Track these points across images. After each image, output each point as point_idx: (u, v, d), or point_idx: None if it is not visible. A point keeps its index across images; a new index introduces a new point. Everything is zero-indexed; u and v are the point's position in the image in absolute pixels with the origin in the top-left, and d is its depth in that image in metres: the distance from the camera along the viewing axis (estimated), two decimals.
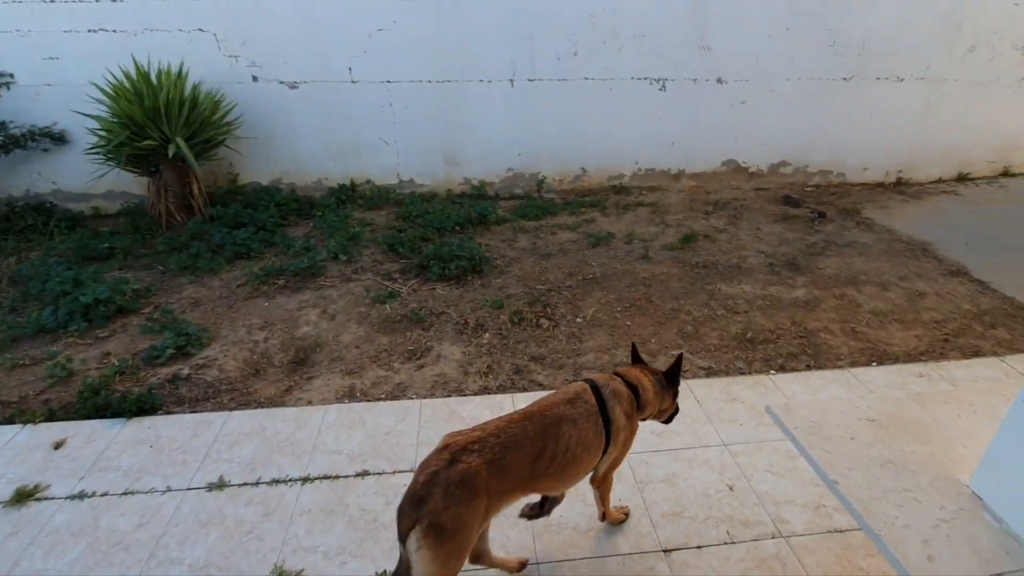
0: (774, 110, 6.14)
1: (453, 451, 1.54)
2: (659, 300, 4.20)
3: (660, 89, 5.97)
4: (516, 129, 6.01)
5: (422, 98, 5.73)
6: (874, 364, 3.46)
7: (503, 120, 5.95)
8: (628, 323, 3.91)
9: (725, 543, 2.26)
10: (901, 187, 6.61)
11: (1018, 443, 1.24)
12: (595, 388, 1.89)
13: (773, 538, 2.28)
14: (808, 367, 3.44)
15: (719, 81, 5.98)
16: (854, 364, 3.46)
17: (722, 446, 2.75)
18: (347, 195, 5.92)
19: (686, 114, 6.11)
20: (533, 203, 6.01)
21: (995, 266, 4.63)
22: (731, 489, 2.51)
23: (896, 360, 3.50)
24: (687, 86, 5.99)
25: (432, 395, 3.17)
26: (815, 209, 5.86)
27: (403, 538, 1.47)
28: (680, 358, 2.12)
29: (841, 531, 2.30)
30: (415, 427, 2.88)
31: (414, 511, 1.45)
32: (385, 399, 3.13)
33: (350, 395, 3.17)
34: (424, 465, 1.55)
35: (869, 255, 4.90)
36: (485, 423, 1.68)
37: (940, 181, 6.75)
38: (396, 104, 5.73)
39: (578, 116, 6.00)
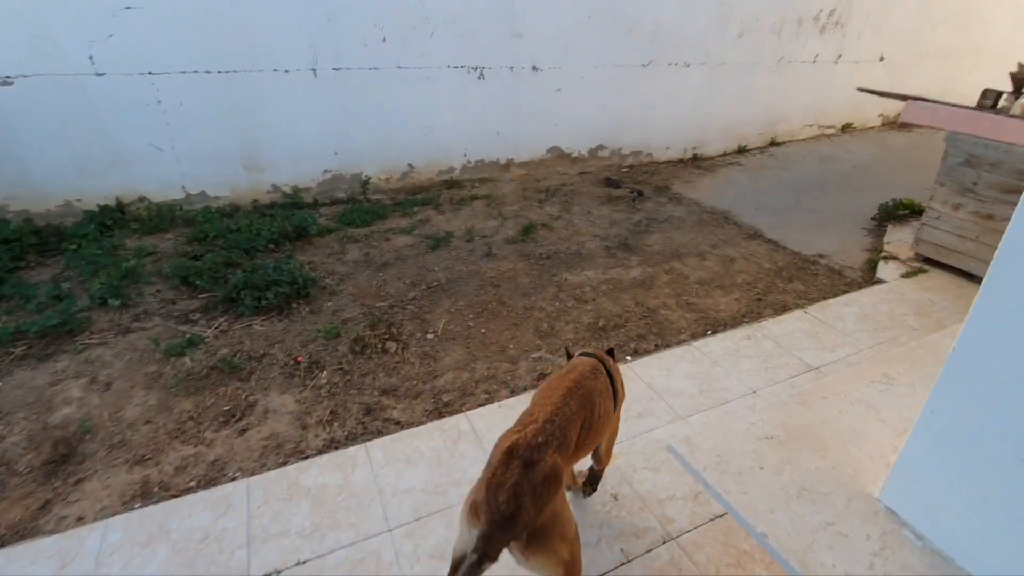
0: (587, 97, 6.34)
1: (523, 455, 1.43)
2: (510, 300, 4.00)
3: (479, 78, 5.75)
4: (328, 125, 5.31)
5: (202, 93, 4.72)
6: (709, 333, 3.68)
7: (311, 116, 5.21)
8: (483, 330, 3.64)
9: (622, 563, 2.12)
10: (697, 162, 7.39)
11: (929, 452, 1.22)
12: (602, 362, 1.94)
13: (664, 543, 2.20)
14: (656, 347, 3.52)
15: (535, 69, 5.96)
16: (694, 336, 3.64)
17: None
18: (113, 219, 4.66)
19: (508, 103, 6.00)
20: (359, 207, 5.41)
21: (778, 225, 5.34)
22: (616, 499, 2.39)
23: (725, 326, 3.76)
24: (505, 74, 5.86)
25: (263, 467, 2.54)
26: (634, 189, 6.22)
27: (495, 556, 1.32)
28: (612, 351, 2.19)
29: (719, 516, 2.31)
30: (244, 519, 2.25)
31: (506, 533, 1.34)
32: (197, 488, 2.42)
33: (143, 494, 2.38)
34: (497, 483, 1.38)
35: (684, 228, 5.30)
36: (532, 411, 1.62)
37: (725, 154, 7.69)
38: (167, 101, 4.63)
39: (398, 108, 5.52)
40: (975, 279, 4.16)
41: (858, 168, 7.18)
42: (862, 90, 5.11)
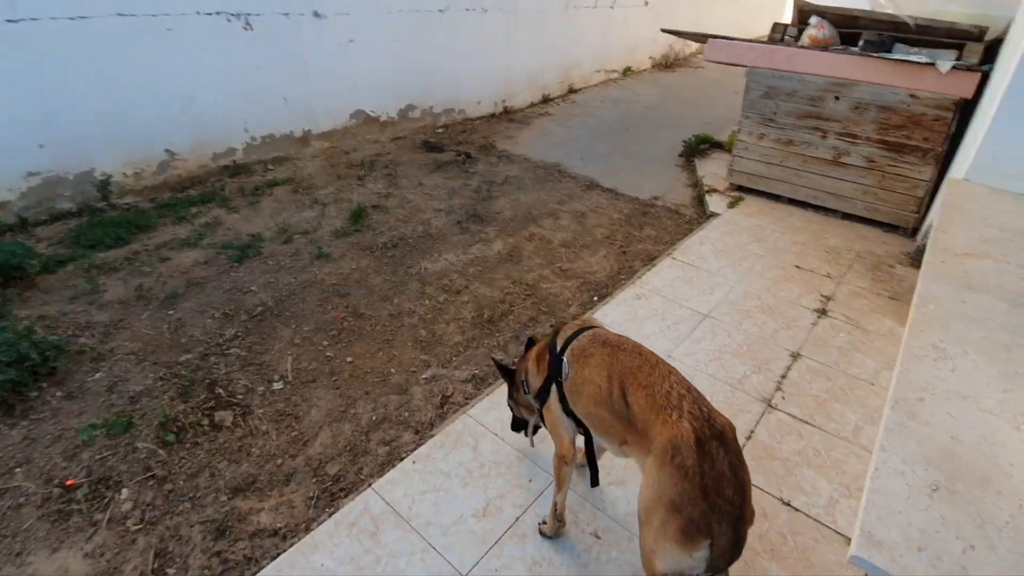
0: (385, 49, 5.45)
1: (710, 432, 1.30)
2: (369, 309, 3.19)
3: (245, 27, 4.43)
4: (18, 106, 3.55)
5: None
6: (596, 300, 3.43)
7: None
8: (348, 358, 2.81)
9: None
10: (510, 116, 7.09)
11: None
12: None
13: None
14: (552, 327, 3.14)
15: (317, 15, 4.83)
16: (584, 306, 3.35)
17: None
18: None
19: (290, 59, 4.80)
20: (103, 219, 3.83)
21: (608, 173, 5.36)
22: (598, 537, 1.96)
23: (606, 287, 3.55)
24: (279, 22, 4.63)
25: None
26: (459, 151, 5.65)
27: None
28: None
29: None
30: None
31: (747, 524, 1.27)
32: None
33: None
34: (715, 479, 1.23)
35: (525, 187, 4.97)
36: (667, 392, 1.40)
37: (533, 105, 7.54)
38: None
39: (133, 73, 3.95)
40: (782, 200, 4.66)
41: (649, 109, 7.68)
42: (665, 31, 5.25)
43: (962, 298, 2.03)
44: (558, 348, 1.75)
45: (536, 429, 2.03)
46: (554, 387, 1.73)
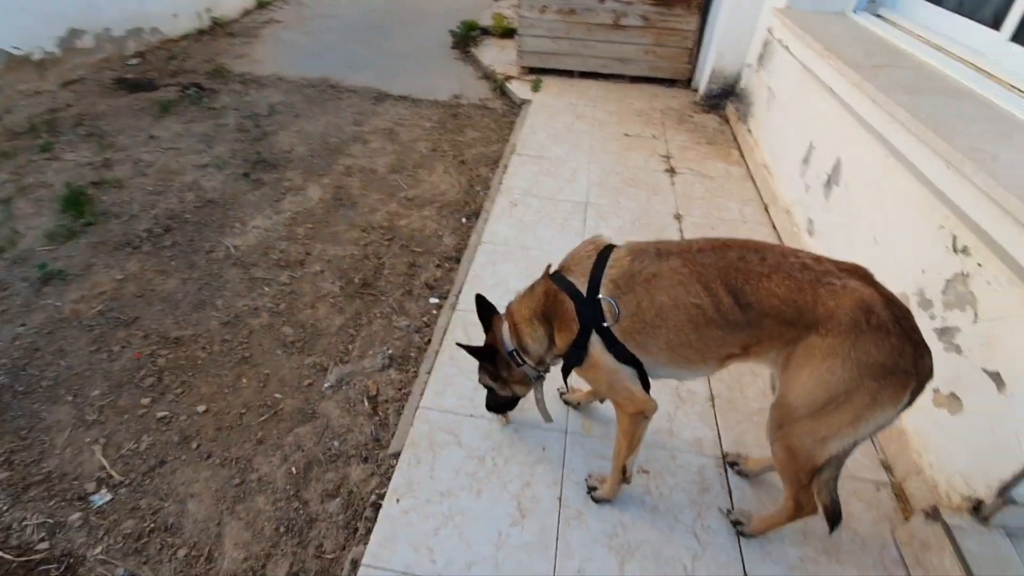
0: None
1: (869, 274, 1.19)
2: (185, 328, 2.17)
3: None
4: None
5: None
6: (466, 220, 2.96)
7: None
8: (199, 407, 1.88)
9: None
10: (226, 29, 5.45)
11: None
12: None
13: None
14: (444, 267, 2.61)
15: None
16: (456, 233, 2.85)
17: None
18: None
19: None
20: None
21: (389, 78, 4.57)
22: (646, 471, 1.72)
23: (465, 203, 3.09)
24: None
25: None
26: (183, 84, 4.15)
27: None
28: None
29: None
30: None
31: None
32: None
33: None
34: (910, 325, 1.13)
35: (303, 114, 3.94)
36: (804, 266, 1.18)
37: (248, 12, 5.95)
38: None
39: None
40: (575, 74, 4.62)
41: (389, 1, 6.75)
42: None
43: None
44: (583, 290, 1.31)
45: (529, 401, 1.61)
46: (596, 338, 1.31)
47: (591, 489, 1.61)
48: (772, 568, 1.49)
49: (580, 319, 1.31)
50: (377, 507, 1.58)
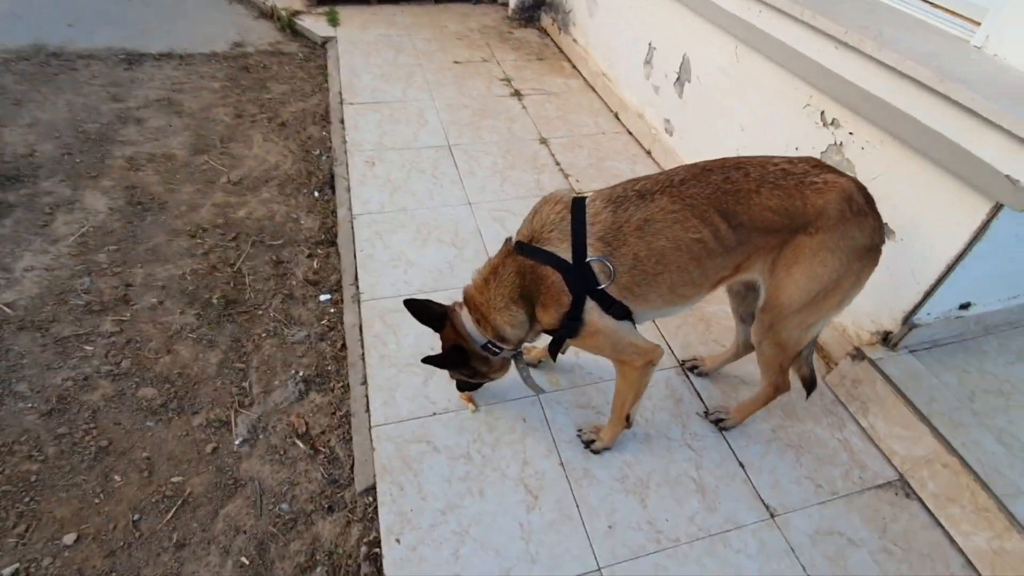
0: None
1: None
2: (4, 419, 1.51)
3: None
4: None
5: None
6: (316, 193, 2.51)
7: None
8: (67, 536, 1.35)
9: None
10: None
11: None
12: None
13: None
14: (322, 271, 2.21)
15: None
16: (312, 212, 2.42)
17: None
18: None
19: None
20: None
21: (134, 34, 3.53)
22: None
23: (311, 173, 2.62)
24: None
25: None
26: None
27: None
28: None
29: None
30: None
31: None
32: None
33: None
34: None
35: (29, 97, 2.87)
36: (784, 171, 1.17)
37: None
38: None
39: None
40: (371, 1, 4.07)
41: None
42: None
43: None
44: (568, 257, 1.16)
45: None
46: (592, 303, 1.19)
47: (588, 442, 1.55)
48: (756, 447, 1.62)
49: (571, 289, 1.17)
50: (375, 557, 1.32)
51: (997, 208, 1.34)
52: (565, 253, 1.17)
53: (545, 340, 1.38)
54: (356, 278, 2.02)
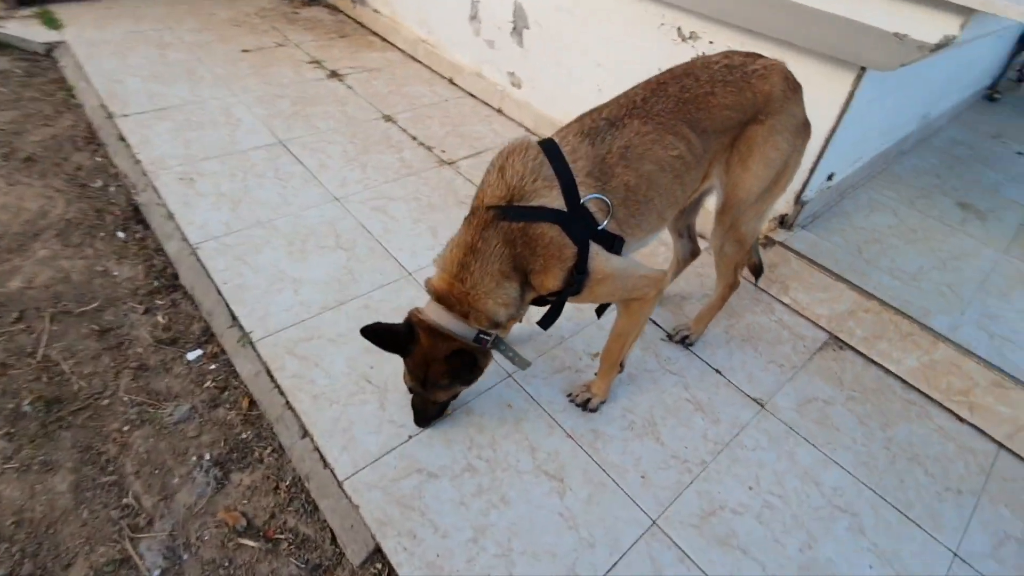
0: None
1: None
2: None
3: None
4: None
5: None
6: (121, 234, 1.92)
7: None
8: None
9: None
10: None
11: None
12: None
13: None
14: (175, 322, 1.68)
15: None
16: (156, 272, 1.84)
17: None
18: None
19: None
20: None
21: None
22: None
23: (100, 214, 1.99)
24: None
25: None
26: None
27: None
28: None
29: None
30: None
31: None
32: None
33: None
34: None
35: None
36: (727, 66, 1.18)
37: None
38: None
39: None
40: None
41: None
42: None
43: None
44: (562, 204, 1.01)
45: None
46: (595, 247, 1.05)
47: (583, 403, 1.43)
48: (721, 351, 1.67)
49: (573, 237, 1.01)
50: None
51: (859, 76, 1.52)
52: (557, 201, 1.01)
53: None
54: (233, 318, 1.57)
